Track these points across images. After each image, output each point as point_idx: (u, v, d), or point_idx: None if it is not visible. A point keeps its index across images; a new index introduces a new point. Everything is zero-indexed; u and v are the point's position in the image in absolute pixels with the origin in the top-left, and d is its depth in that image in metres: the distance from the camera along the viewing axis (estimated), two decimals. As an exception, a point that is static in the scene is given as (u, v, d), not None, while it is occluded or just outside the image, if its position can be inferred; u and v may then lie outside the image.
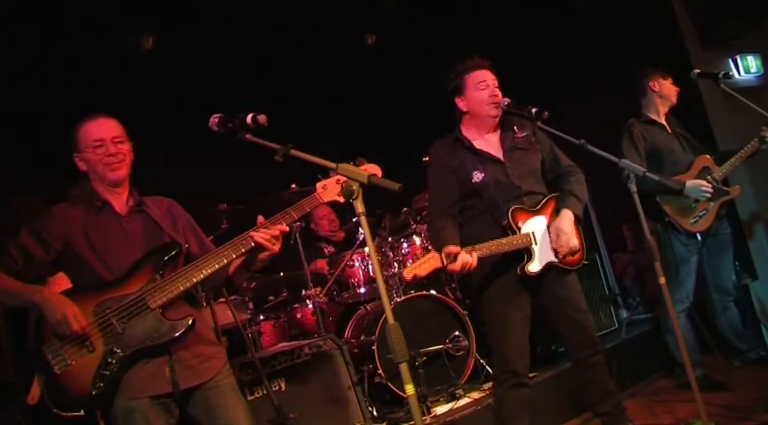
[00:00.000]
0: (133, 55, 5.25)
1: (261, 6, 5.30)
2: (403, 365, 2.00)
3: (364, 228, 2.12)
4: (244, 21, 5.35)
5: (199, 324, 2.56)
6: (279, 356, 3.77)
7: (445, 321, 4.45)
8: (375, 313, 4.60)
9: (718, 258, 4.30)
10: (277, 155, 2.31)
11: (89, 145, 2.59)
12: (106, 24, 4.81)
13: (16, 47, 4.60)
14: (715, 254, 4.28)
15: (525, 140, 3.35)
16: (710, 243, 4.23)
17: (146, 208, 2.68)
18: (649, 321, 5.10)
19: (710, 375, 4.18)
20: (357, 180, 2.06)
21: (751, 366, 4.38)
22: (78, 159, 2.63)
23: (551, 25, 5.81)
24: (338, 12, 5.58)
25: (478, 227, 3.24)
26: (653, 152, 4.17)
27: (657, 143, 4.19)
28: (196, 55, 5.36)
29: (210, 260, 2.51)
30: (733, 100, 4.08)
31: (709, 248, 4.25)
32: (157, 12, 5.02)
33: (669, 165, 4.15)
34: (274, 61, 5.72)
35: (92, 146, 2.58)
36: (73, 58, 4.82)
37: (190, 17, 5.09)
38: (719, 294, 4.34)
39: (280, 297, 5.29)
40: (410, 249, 4.93)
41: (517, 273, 3.14)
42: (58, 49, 4.76)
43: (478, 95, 3.25)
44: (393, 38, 6.24)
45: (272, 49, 5.63)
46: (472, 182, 3.21)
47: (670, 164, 4.15)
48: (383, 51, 6.29)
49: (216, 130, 2.47)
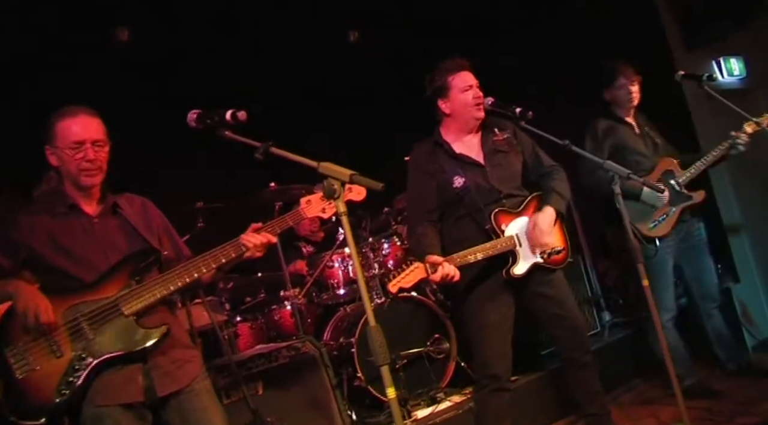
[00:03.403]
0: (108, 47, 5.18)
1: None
2: (384, 368, 2.00)
3: (345, 228, 2.12)
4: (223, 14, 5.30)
5: (174, 328, 2.54)
6: (256, 358, 3.75)
7: (426, 324, 4.46)
8: (355, 315, 4.60)
9: (697, 263, 4.28)
10: (257, 153, 2.30)
11: (67, 145, 2.49)
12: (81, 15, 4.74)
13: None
14: (693, 259, 4.26)
15: (506, 142, 3.37)
16: (684, 248, 4.20)
17: (121, 210, 2.63)
18: (632, 323, 5.13)
19: (704, 384, 4.19)
20: (338, 179, 2.07)
21: (734, 376, 4.36)
22: (50, 153, 2.54)
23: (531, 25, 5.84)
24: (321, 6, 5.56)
25: (460, 231, 3.25)
26: (616, 151, 4.11)
27: (621, 142, 4.16)
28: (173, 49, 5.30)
29: (191, 269, 2.48)
30: (716, 103, 4.12)
31: (684, 254, 4.22)
32: (132, 3, 4.95)
33: (632, 166, 3.99)
34: (254, 56, 5.68)
35: (70, 147, 2.49)
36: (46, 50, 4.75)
37: (168, 9, 5.03)
38: (703, 301, 4.32)
39: (258, 298, 5.26)
40: (391, 250, 4.93)
41: (503, 276, 3.16)
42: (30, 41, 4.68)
43: (464, 98, 3.26)
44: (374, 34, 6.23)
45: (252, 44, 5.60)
46: (453, 188, 3.22)
47: (633, 165, 4.03)
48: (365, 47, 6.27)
49: (194, 126, 2.46)
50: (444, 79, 3.28)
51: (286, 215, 2.67)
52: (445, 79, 3.28)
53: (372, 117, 6.46)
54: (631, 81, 4.18)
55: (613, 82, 4.22)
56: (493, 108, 3.25)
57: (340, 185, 2.08)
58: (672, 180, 4.08)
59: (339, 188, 2.07)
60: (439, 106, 3.34)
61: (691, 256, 4.25)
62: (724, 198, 5.20)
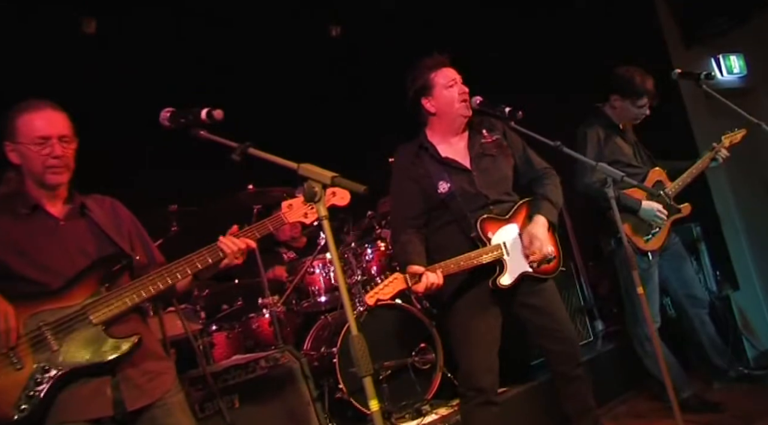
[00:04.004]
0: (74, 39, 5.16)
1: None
2: (367, 379, 2.01)
3: (326, 233, 2.12)
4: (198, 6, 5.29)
5: (146, 337, 2.50)
6: (232, 369, 3.74)
7: (411, 333, 4.48)
8: (336, 323, 4.61)
9: (681, 271, 4.36)
10: (234, 154, 2.30)
11: (31, 140, 2.43)
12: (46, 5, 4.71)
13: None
14: (677, 267, 4.35)
15: (495, 144, 3.38)
16: (666, 257, 4.30)
17: (89, 211, 2.58)
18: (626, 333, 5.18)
19: (701, 396, 4.24)
20: (319, 182, 2.07)
21: (733, 385, 4.43)
22: (10, 149, 2.47)
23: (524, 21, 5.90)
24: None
25: (445, 239, 3.27)
26: (612, 158, 4.15)
27: (616, 152, 4.23)
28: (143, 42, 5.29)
29: (165, 275, 2.45)
30: (715, 103, 4.17)
31: (668, 263, 4.33)
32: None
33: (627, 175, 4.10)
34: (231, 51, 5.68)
35: (35, 143, 2.43)
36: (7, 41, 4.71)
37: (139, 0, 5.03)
38: (695, 308, 4.38)
39: (235, 306, 5.26)
40: (374, 255, 4.95)
41: (490, 286, 3.17)
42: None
43: (449, 94, 3.27)
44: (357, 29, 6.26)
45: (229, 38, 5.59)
46: (438, 193, 3.23)
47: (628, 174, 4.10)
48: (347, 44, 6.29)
49: (167, 125, 2.45)
50: (426, 77, 3.29)
51: (266, 219, 2.67)
52: (427, 77, 3.29)
53: (355, 116, 6.48)
54: (649, 104, 4.23)
55: (635, 97, 4.21)
56: (480, 108, 3.26)
57: (321, 187, 2.08)
58: (662, 191, 4.16)
59: (320, 191, 2.07)
60: (423, 105, 3.34)
61: (672, 264, 4.34)
62: (723, 203, 5.26)
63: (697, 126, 5.31)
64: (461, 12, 5.94)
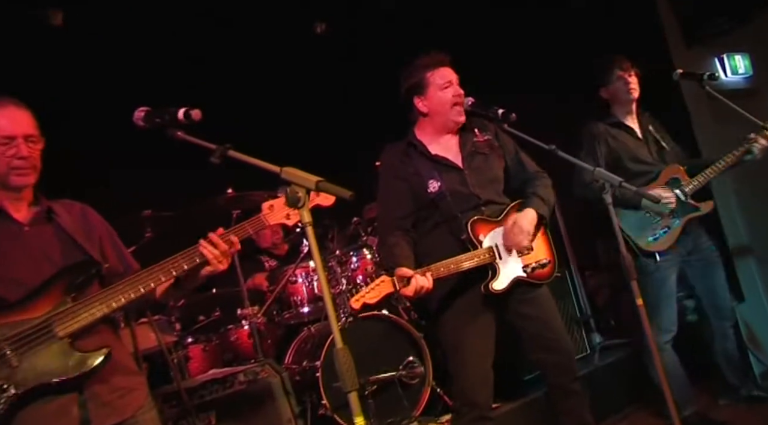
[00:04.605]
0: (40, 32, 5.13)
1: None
2: (352, 394, 2.03)
3: (310, 240, 2.13)
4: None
5: (116, 351, 2.46)
6: (209, 385, 3.75)
7: (399, 345, 4.48)
8: (320, 335, 4.61)
9: (708, 279, 4.27)
10: (213, 156, 2.31)
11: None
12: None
13: None
14: (704, 274, 4.26)
15: (486, 144, 3.42)
16: (694, 262, 4.22)
17: (56, 216, 2.56)
18: (624, 346, 5.20)
19: (704, 414, 4.23)
20: (303, 186, 2.09)
21: (741, 403, 4.40)
22: None
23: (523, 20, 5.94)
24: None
25: (435, 242, 3.28)
26: (613, 158, 4.15)
27: (619, 149, 4.18)
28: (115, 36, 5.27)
29: (137, 283, 2.42)
30: (719, 105, 4.15)
31: (695, 269, 4.24)
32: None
33: (631, 174, 4.07)
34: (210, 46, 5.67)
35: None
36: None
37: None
38: (719, 320, 4.31)
39: (212, 317, 5.26)
40: (360, 263, 4.96)
41: (481, 292, 3.18)
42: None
43: (443, 96, 3.30)
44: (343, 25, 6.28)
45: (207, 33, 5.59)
46: (428, 192, 3.26)
47: (632, 173, 4.09)
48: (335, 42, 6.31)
49: (141, 125, 2.45)
50: (421, 75, 3.32)
51: (245, 221, 2.65)
52: (423, 75, 3.32)
53: (341, 117, 6.50)
54: (628, 73, 4.21)
55: (609, 76, 4.24)
56: (473, 109, 3.30)
57: (305, 192, 2.09)
58: (677, 189, 4.09)
59: (303, 196, 2.09)
60: (414, 104, 3.37)
61: (701, 271, 4.25)
62: (727, 211, 5.29)
63: (699, 129, 5.33)
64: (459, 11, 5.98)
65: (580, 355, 5.11)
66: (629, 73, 4.21)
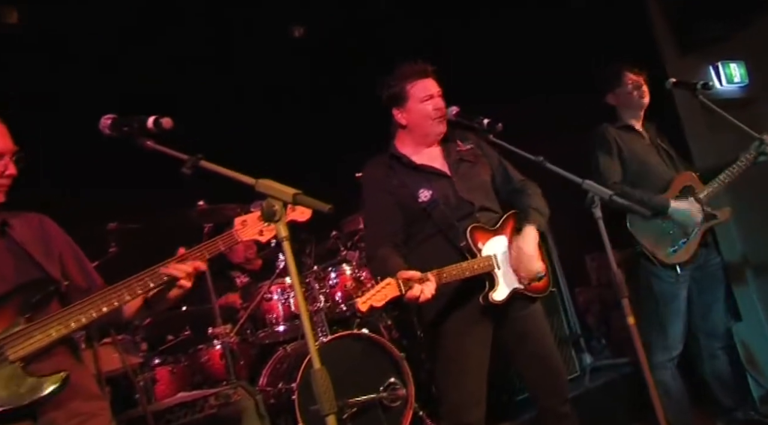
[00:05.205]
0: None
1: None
2: (330, 418, 2.03)
3: (286, 254, 2.13)
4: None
5: (76, 374, 2.41)
6: (177, 409, 3.74)
7: (379, 366, 4.50)
8: (296, 356, 4.62)
9: (708, 295, 4.27)
10: (185, 167, 2.31)
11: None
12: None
13: None
14: (705, 290, 4.25)
15: (470, 152, 3.45)
16: (698, 277, 4.20)
17: (10, 229, 2.51)
18: (617, 367, 5.24)
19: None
20: (280, 199, 2.10)
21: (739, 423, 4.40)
22: None
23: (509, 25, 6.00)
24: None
25: (430, 253, 3.27)
26: (631, 163, 4.15)
27: (634, 154, 4.18)
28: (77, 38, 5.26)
29: (98, 302, 2.38)
30: (713, 114, 4.19)
31: (697, 283, 4.22)
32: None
33: (647, 182, 4.12)
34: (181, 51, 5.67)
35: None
36: None
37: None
38: (708, 339, 4.32)
39: (181, 336, 5.23)
40: (339, 279, 4.98)
41: (480, 303, 3.18)
42: None
43: (423, 109, 3.32)
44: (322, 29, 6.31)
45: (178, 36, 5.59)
46: (419, 203, 3.26)
47: (648, 181, 4.13)
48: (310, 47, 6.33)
49: (108, 134, 2.45)
50: (401, 86, 3.34)
51: (217, 237, 2.64)
52: (403, 86, 3.33)
53: (318, 126, 6.52)
54: (639, 77, 4.25)
55: (619, 80, 4.26)
56: (457, 119, 3.32)
57: (282, 205, 2.10)
58: (692, 197, 4.10)
59: (280, 210, 2.09)
60: (394, 116, 3.40)
61: (704, 286, 4.24)
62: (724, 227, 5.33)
63: (693, 140, 5.37)
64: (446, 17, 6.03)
65: (570, 377, 5.12)
66: (640, 77, 4.26)
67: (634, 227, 4.04)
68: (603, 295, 5.68)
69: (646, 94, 4.26)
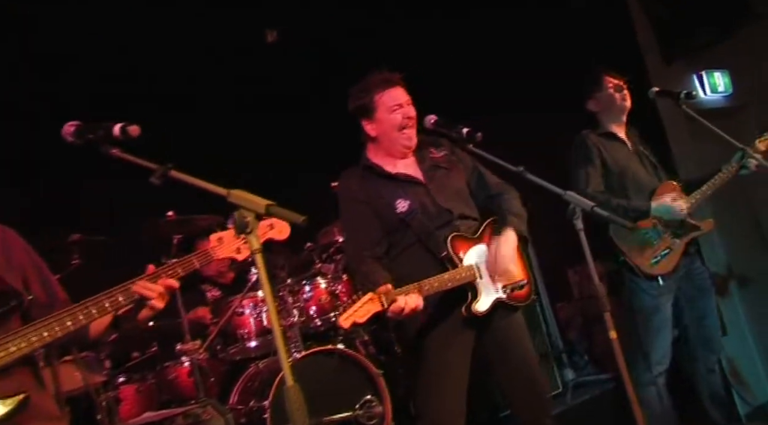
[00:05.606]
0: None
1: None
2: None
3: (259, 267, 2.14)
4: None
5: (35, 394, 2.36)
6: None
7: (355, 383, 4.50)
8: (269, 372, 4.60)
9: (699, 307, 4.30)
10: (153, 177, 2.31)
11: None
12: None
13: None
14: (695, 301, 4.29)
15: (445, 159, 3.49)
16: (686, 288, 4.25)
17: None
18: (600, 383, 5.26)
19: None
20: (252, 210, 2.11)
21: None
22: None
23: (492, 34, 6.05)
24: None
25: (410, 263, 3.30)
26: (613, 171, 4.21)
27: (616, 162, 4.23)
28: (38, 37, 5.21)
29: (64, 318, 2.33)
30: (697, 124, 4.24)
31: (686, 295, 4.27)
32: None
33: (630, 190, 4.18)
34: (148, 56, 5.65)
35: None
36: None
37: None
38: (706, 352, 4.34)
39: (148, 353, 5.19)
40: (313, 293, 4.97)
41: (462, 314, 3.20)
42: None
43: (392, 119, 3.35)
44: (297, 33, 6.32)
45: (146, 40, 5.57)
46: (397, 213, 3.29)
47: (630, 188, 4.19)
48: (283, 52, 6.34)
49: (71, 141, 2.43)
50: (369, 96, 3.36)
51: (192, 255, 2.62)
52: (371, 96, 3.35)
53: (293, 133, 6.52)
54: (620, 82, 4.31)
55: (599, 85, 4.33)
56: (435, 128, 3.34)
57: (254, 217, 2.11)
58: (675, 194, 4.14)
59: (252, 221, 2.10)
60: (363, 126, 3.42)
61: (692, 298, 4.28)
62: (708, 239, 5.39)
63: (677, 150, 5.45)
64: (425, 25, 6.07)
65: (552, 393, 5.13)
66: (621, 81, 4.32)
67: (617, 236, 4.08)
68: (585, 309, 5.71)
69: (628, 98, 4.33)
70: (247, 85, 6.31)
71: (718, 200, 4.45)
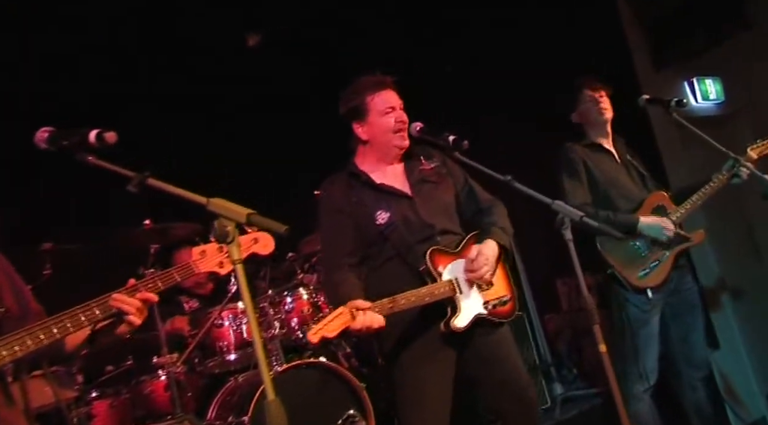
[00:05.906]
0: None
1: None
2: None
3: (239, 278, 2.14)
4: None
5: (4, 411, 2.39)
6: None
7: (337, 397, 4.48)
8: (248, 386, 4.59)
9: (685, 323, 4.30)
10: (131, 185, 2.31)
11: None
12: None
13: None
14: (681, 317, 4.29)
15: (434, 171, 3.50)
16: (673, 303, 4.26)
17: None
18: (589, 397, 5.27)
19: None
20: (233, 220, 2.11)
21: None
22: None
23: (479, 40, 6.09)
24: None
25: (387, 276, 3.31)
26: (600, 183, 4.23)
27: (603, 173, 4.26)
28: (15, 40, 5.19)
29: (37, 331, 2.31)
30: (688, 132, 4.26)
31: (673, 310, 4.27)
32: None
33: (617, 202, 4.20)
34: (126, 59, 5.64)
35: None
36: None
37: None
38: (689, 369, 4.35)
39: (123, 366, 5.15)
40: (295, 304, 4.96)
41: (441, 330, 3.20)
42: None
43: (384, 122, 3.37)
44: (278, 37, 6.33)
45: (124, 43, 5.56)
46: (376, 225, 3.30)
47: (618, 201, 4.21)
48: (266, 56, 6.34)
49: (44, 148, 2.42)
50: (361, 99, 3.38)
51: (173, 268, 2.61)
52: (363, 99, 3.37)
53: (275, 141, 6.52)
54: (598, 93, 4.32)
55: (577, 97, 4.37)
56: (421, 135, 3.36)
57: (235, 226, 2.11)
58: (665, 217, 4.15)
59: (233, 230, 2.11)
60: (354, 130, 3.44)
61: (679, 313, 4.29)
62: (700, 250, 5.41)
63: (668, 158, 5.48)
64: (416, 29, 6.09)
65: (541, 407, 5.12)
66: (599, 92, 4.33)
67: (604, 248, 4.09)
68: (574, 321, 5.73)
69: (607, 111, 4.34)
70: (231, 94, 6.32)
71: (709, 209, 4.46)
